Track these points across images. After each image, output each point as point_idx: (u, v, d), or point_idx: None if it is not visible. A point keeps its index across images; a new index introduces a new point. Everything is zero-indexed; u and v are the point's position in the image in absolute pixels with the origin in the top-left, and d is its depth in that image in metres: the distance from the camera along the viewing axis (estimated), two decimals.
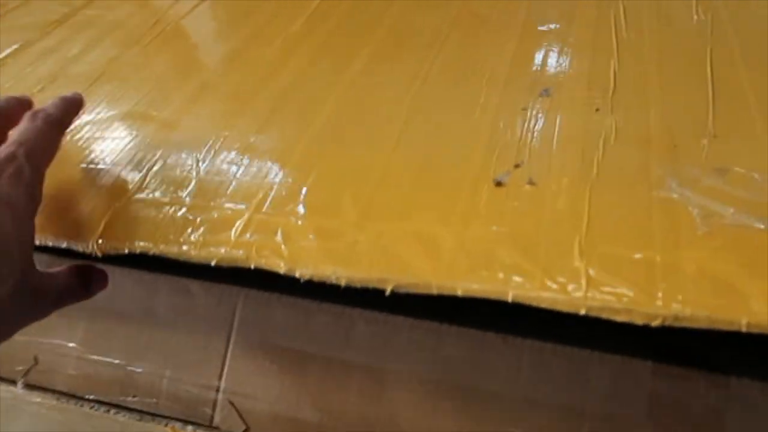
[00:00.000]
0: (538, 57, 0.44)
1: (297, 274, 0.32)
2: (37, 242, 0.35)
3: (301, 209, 0.35)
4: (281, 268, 0.32)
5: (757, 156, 0.33)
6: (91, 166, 0.40)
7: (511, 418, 0.33)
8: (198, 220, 0.35)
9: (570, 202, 0.33)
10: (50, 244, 0.36)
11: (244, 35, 0.53)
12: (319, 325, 0.36)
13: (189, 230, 0.35)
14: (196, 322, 0.38)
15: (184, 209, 0.36)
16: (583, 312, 0.28)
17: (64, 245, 0.35)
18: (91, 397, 0.39)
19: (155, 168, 0.39)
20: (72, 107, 0.36)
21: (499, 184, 0.34)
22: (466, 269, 0.30)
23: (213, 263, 0.33)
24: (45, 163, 0.33)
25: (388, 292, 0.30)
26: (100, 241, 0.35)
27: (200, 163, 0.39)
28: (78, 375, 0.39)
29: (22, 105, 0.36)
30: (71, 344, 0.40)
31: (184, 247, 0.34)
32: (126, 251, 0.34)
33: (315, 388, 0.35)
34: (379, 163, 0.37)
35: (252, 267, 0.32)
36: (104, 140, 0.42)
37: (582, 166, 0.35)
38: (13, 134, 0.33)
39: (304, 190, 0.36)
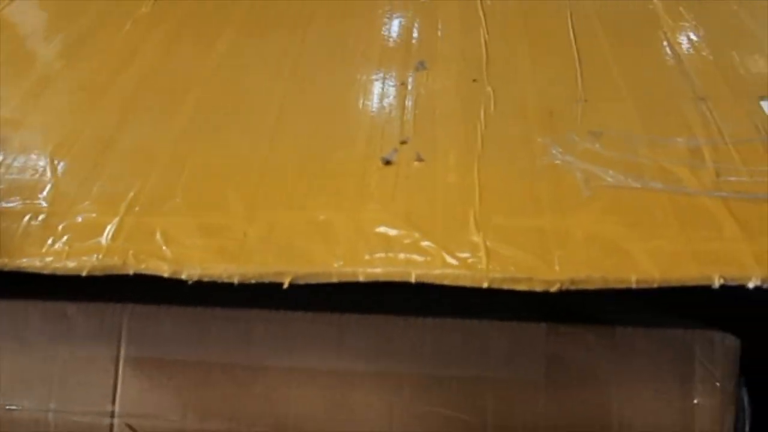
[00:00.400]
0: (410, 30, 0.43)
1: (184, 276, 0.29)
2: None
3: (179, 207, 0.32)
4: (165, 271, 0.29)
5: (626, 118, 0.35)
6: None
7: (420, 396, 0.33)
8: (60, 227, 0.31)
9: (460, 176, 0.33)
10: None
11: (86, 22, 0.48)
12: (216, 332, 0.33)
13: (51, 240, 0.31)
14: (78, 346, 0.34)
15: (42, 216, 0.32)
16: (485, 285, 0.28)
17: None
18: None
19: (0, 172, 0.34)
20: None
21: (387, 162, 0.34)
22: (366, 253, 0.29)
23: (84, 273, 0.30)
24: None
25: (286, 285, 0.29)
26: None
27: (55, 164, 0.35)
28: None
29: None
30: None
31: (48, 259, 0.30)
32: None
33: (219, 397, 0.33)
34: (259, 153, 0.34)
35: (131, 273, 0.29)
36: None
37: (467, 139, 0.35)
38: None
39: (179, 186, 0.33)
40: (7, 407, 0.34)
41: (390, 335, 0.33)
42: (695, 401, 0.32)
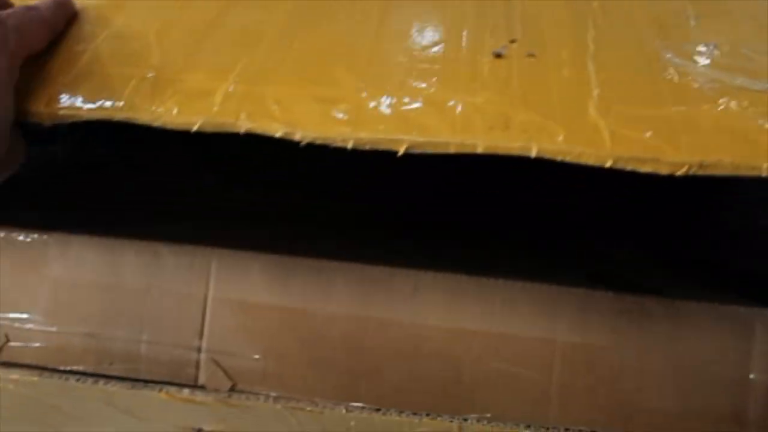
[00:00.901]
0: None
1: (297, 137, 0.28)
2: None
3: (290, 79, 0.31)
4: (277, 130, 0.29)
5: (741, 32, 0.34)
6: None
7: (488, 353, 0.33)
8: (169, 90, 0.31)
9: (575, 70, 0.32)
10: None
11: None
12: (298, 280, 0.34)
13: (160, 100, 0.30)
14: (169, 283, 0.34)
15: (150, 80, 0.31)
16: (609, 164, 0.27)
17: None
18: (68, 368, 0.35)
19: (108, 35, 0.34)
20: (64, 10, 0.35)
21: (498, 56, 0.33)
22: (483, 129, 0.29)
23: (194, 129, 0.29)
24: (29, 44, 0.32)
25: (401, 152, 0.28)
26: (51, 104, 0.30)
27: (161, 38, 0.34)
28: (48, 348, 0.35)
29: None
30: (34, 317, 0.35)
31: (159, 110, 0.29)
32: (84, 118, 0.30)
33: (298, 342, 0.33)
34: (366, 39, 0.34)
35: (242, 132, 0.29)
36: None
37: (578, 41, 0.34)
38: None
39: (289, 61, 0.32)
40: (101, 337, 0.35)
41: (461, 293, 0.33)
42: (751, 376, 0.32)
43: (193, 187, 0.54)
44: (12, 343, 0.35)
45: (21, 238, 0.35)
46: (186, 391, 0.34)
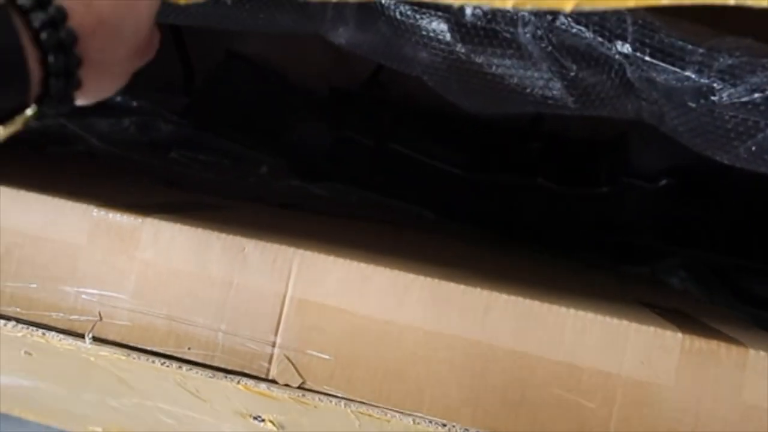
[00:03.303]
0: None
1: None
2: None
3: None
4: None
5: None
6: None
7: (552, 381, 0.34)
8: None
9: None
10: None
11: None
12: (374, 288, 0.35)
13: None
14: (251, 278, 0.36)
15: None
16: None
17: None
18: (151, 349, 0.37)
19: None
20: None
21: None
22: None
23: None
24: None
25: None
26: None
27: None
28: (132, 326, 0.37)
29: None
30: (123, 296, 0.37)
31: None
32: None
33: (366, 348, 0.35)
34: None
35: None
36: None
37: None
38: None
39: None
40: (183, 321, 0.37)
41: (533, 321, 0.34)
42: None
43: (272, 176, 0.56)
44: (103, 320, 0.37)
45: (117, 218, 0.38)
46: (263, 386, 0.35)
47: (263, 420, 0.44)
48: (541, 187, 0.61)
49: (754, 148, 0.38)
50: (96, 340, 0.36)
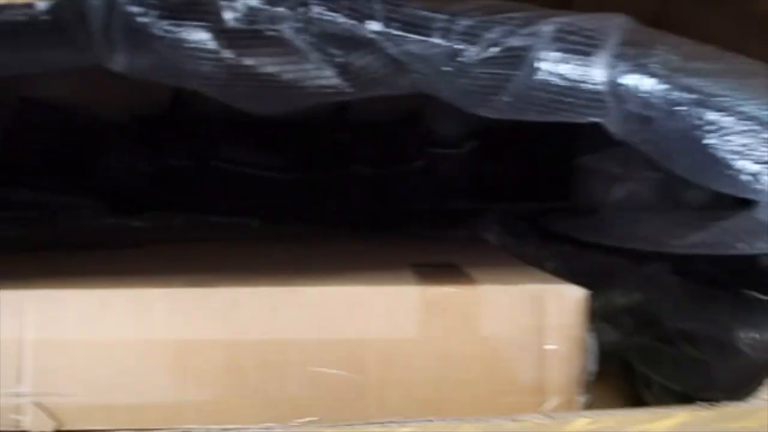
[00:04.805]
0: None
1: None
2: None
3: None
4: None
5: None
6: None
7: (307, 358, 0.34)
8: None
9: None
10: None
11: None
12: (114, 312, 0.34)
13: None
14: None
15: None
16: None
17: None
18: None
19: None
20: None
21: None
22: None
23: None
24: None
25: None
26: None
27: None
28: None
29: None
30: None
31: None
32: None
33: (122, 375, 0.33)
34: None
35: None
36: None
37: None
38: None
39: None
40: None
41: (280, 307, 0.35)
42: (548, 347, 0.35)
43: None
44: None
45: None
46: None
47: None
48: (359, 173, 0.62)
49: (509, 99, 0.41)
50: None
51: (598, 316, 0.55)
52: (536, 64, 0.38)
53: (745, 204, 0.36)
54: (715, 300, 0.47)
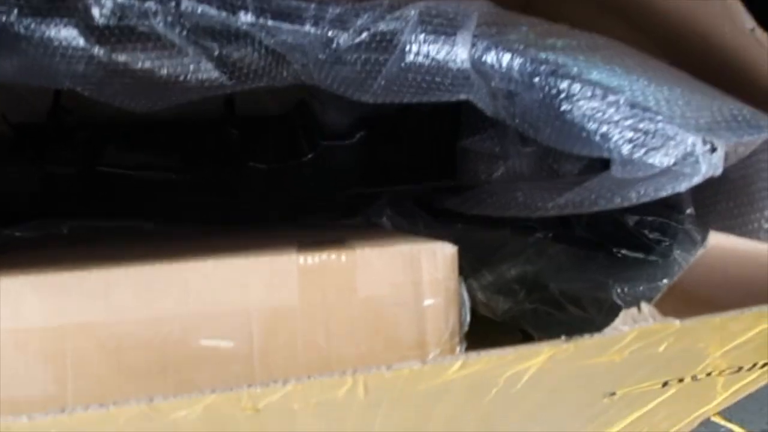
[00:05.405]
0: None
1: None
2: None
3: None
4: None
5: None
6: None
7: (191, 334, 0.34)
8: None
9: None
10: None
11: None
12: None
13: None
14: None
15: None
16: None
17: None
18: None
19: None
20: None
21: None
22: None
23: None
24: None
25: None
26: None
27: None
28: None
29: None
30: None
31: None
32: None
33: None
34: None
35: None
36: None
37: None
38: None
39: None
40: None
41: (158, 285, 0.34)
42: (425, 303, 0.36)
43: None
44: None
45: None
46: None
47: None
48: (254, 170, 0.62)
49: (383, 82, 0.42)
50: None
51: (491, 288, 0.58)
52: (405, 47, 0.40)
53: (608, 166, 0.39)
54: (593, 261, 0.51)
